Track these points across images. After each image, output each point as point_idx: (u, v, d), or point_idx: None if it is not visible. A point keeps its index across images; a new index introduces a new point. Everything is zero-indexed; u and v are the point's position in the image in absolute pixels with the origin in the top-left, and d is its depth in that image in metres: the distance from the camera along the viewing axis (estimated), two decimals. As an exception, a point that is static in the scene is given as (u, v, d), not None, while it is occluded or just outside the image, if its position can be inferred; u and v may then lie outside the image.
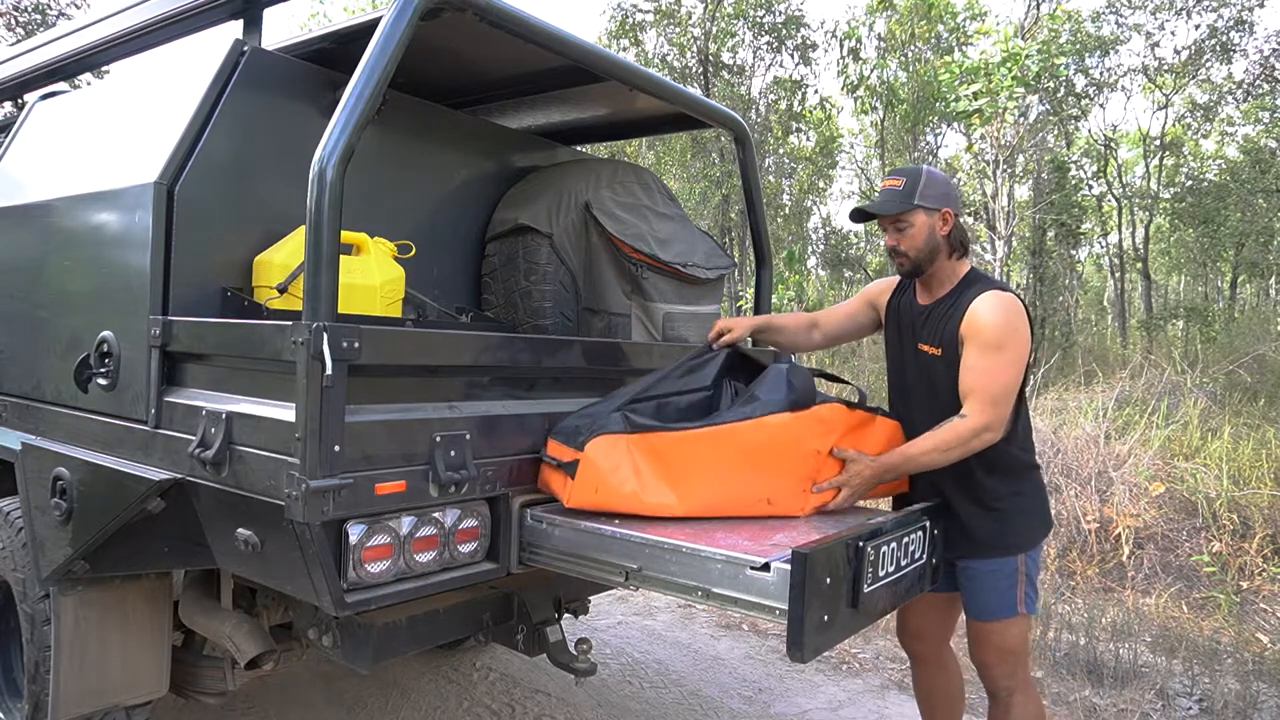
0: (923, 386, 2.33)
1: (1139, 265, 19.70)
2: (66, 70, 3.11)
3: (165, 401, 2.04)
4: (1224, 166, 19.52)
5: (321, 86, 2.41)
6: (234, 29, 2.39)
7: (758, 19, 15.31)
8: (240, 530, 1.86)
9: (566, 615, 2.68)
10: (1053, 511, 5.34)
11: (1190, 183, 19.48)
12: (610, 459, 2.01)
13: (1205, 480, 5.36)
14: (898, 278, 2.51)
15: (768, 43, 15.81)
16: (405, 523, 1.88)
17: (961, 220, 2.33)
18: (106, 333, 2.18)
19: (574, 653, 2.37)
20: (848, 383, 2.70)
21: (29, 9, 12.69)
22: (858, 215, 2.37)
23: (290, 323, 1.72)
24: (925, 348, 2.31)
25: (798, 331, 2.63)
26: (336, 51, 2.40)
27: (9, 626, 2.61)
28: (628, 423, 2.06)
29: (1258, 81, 16.13)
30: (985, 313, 2.16)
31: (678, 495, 2.05)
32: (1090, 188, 19.32)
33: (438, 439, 1.90)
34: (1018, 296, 2.24)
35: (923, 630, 2.52)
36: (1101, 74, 16.78)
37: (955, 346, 2.22)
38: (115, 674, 2.33)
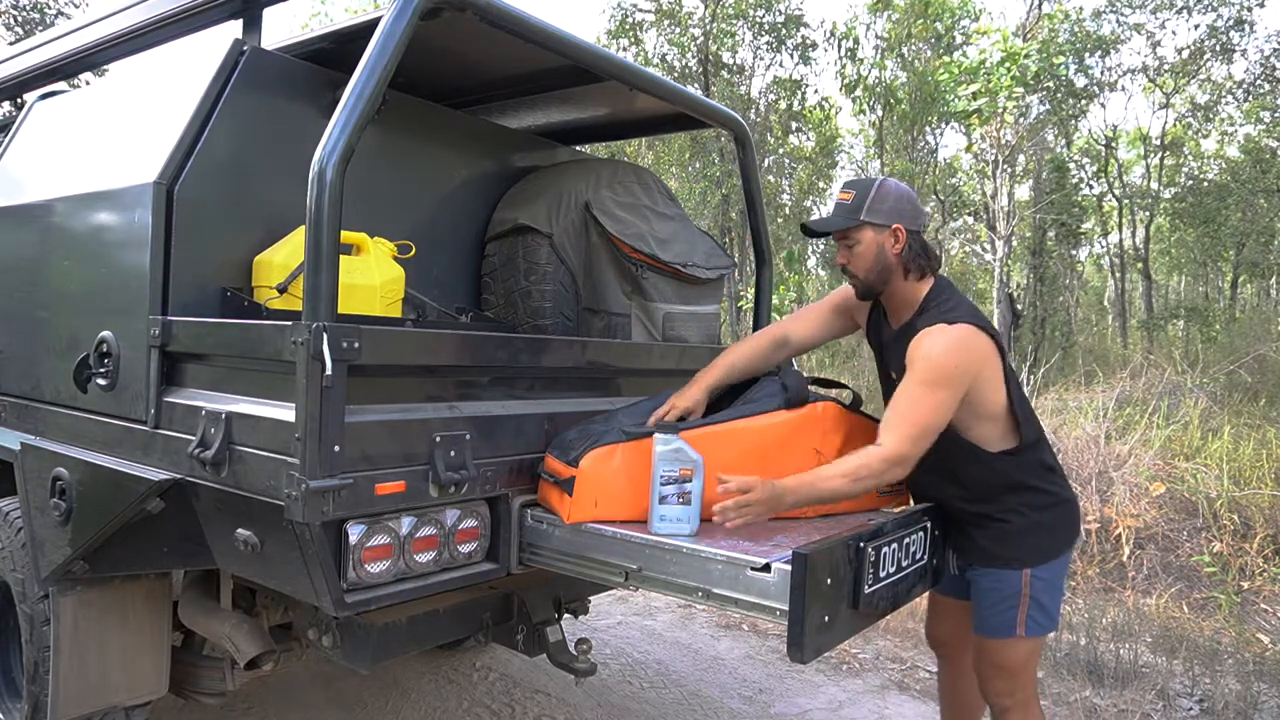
0: None
1: (1139, 265, 19.71)
2: (66, 70, 3.10)
3: (165, 401, 2.04)
4: (1224, 166, 19.52)
5: (321, 86, 2.41)
6: (234, 29, 2.39)
7: (757, 19, 15.31)
8: (240, 530, 1.86)
9: (566, 615, 2.68)
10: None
11: (1191, 183, 19.49)
12: (608, 469, 2.01)
13: (1206, 480, 5.36)
14: None
15: (767, 42, 15.81)
16: (405, 523, 1.88)
17: (922, 237, 2.17)
18: (106, 333, 2.18)
19: (574, 653, 2.37)
20: (844, 386, 2.70)
21: (29, 8, 12.68)
22: (807, 231, 2.23)
23: (290, 323, 1.72)
24: (894, 375, 2.19)
25: (762, 358, 2.40)
26: (336, 51, 2.40)
27: (8, 627, 2.60)
28: (623, 433, 2.05)
29: (1258, 81, 16.13)
30: (927, 346, 2.01)
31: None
32: (1090, 187, 19.33)
33: (438, 439, 1.90)
34: (975, 323, 2.05)
35: (944, 636, 2.50)
36: (1102, 73, 16.78)
37: None
38: (115, 674, 2.33)
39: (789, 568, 1.66)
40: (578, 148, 3.46)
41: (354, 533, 1.79)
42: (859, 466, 1.95)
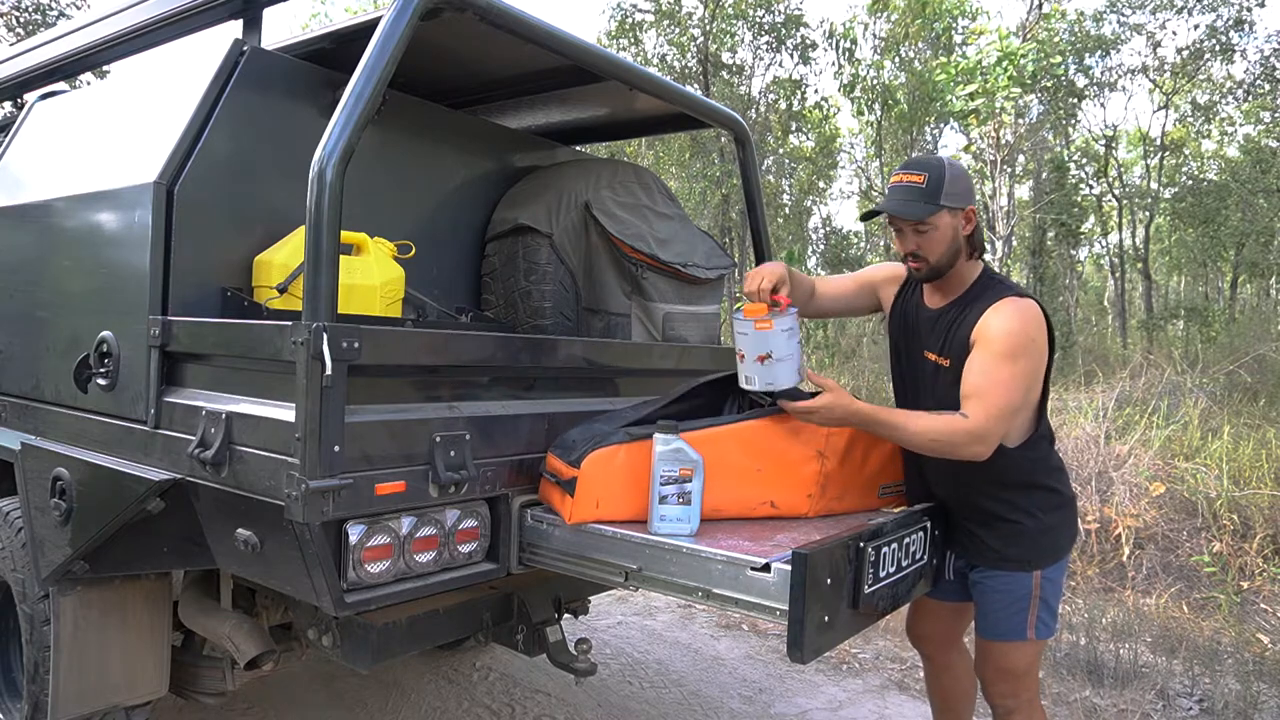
0: (927, 396, 2.17)
1: (1139, 265, 19.71)
2: (66, 70, 3.10)
3: (165, 401, 2.04)
4: (1224, 166, 19.53)
5: (321, 86, 2.41)
6: (234, 29, 2.40)
7: (757, 19, 15.32)
8: (240, 530, 1.86)
9: (566, 615, 2.68)
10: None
11: (1190, 182, 19.49)
12: (610, 470, 2.01)
13: (1205, 480, 5.36)
14: (900, 270, 2.32)
15: (767, 42, 15.82)
16: (405, 523, 1.88)
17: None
18: (106, 333, 2.18)
19: (574, 653, 2.37)
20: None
21: (29, 9, 12.68)
22: (871, 216, 2.19)
23: (290, 323, 1.72)
24: (931, 356, 2.15)
25: (802, 294, 2.35)
26: (336, 51, 2.40)
27: (9, 627, 2.60)
28: (626, 434, 2.05)
29: (1258, 81, 16.14)
30: (1001, 320, 1.98)
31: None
32: (1090, 187, 19.34)
33: (437, 439, 1.90)
34: (1038, 303, 2.06)
35: (926, 634, 2.50)
36: (1102, 73, 16.79)
37: (963, 358, 2.04)
38: (115, 674, 2.33)
39: (789, 568, 1.66)
40: (578, 148, 3.46)
41: (354, 533, 1.79)
42: (940, 428, 1.94)
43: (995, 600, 2.18)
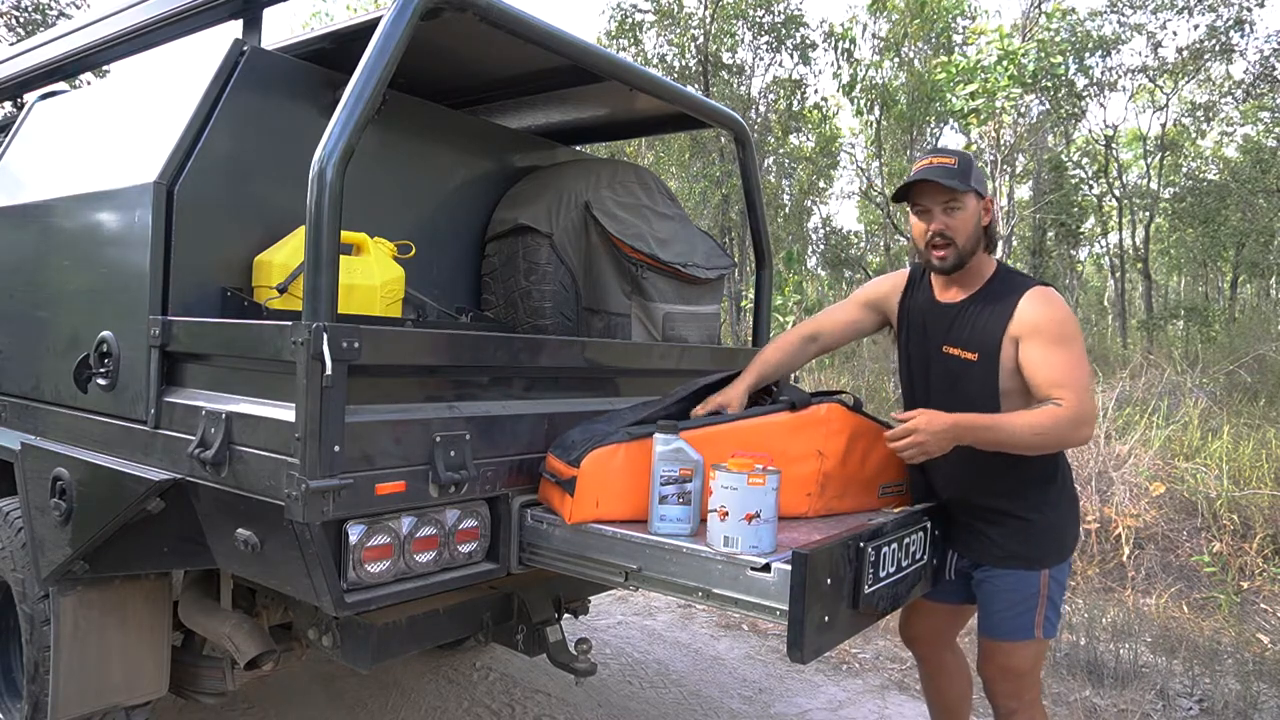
0: (948, 392, 2.16)
1: (1139, 265, 19.71)
2: (66, 70, 3.10)
3: (165, 401, 2.04)
4: (1224, 167, 19.53)
5: (321, 86, 2.41)
6: (234, 29, 2.40)
7: (757, 19, 15.31)
8: (240, 530, 1.86)
9: (566, 615, 2.68)
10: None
11: (1190, 182, 19.49)
12: (609, 469, 2.01)
13: (1205, 480, 5.36)
14: (898, 276, 2.36)
15: (767, 42, 15.81)
16: (405, 523, 1.88)
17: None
18: (106, 333, 2.18)
19: (574, 653, 2.37)
20: (844, 392, 2.68)
21: (29, 9, 12.69)
22: (902, 192, 2.16)
23: (290, 323, 1.72)
24: (954, 350, 2.14)
25: (794, 354, 2.42)
26: (336, 51, 2.40)
27: (9, 627, 2.60)
28: (626, 434, 2.05)
29: (1258, 81, 16.13)
30: (1047, 309, 2.04)
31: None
32: (1090, 188, 19.34)
33: (438, 439, 1.90)
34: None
35: (920, 635, 2.50)
36: (1103, 74, 16.78)
37: (995, 352, 2.06)
38: (115, 674, 2.33)
39: (789, 568, 1.66)
40: (578, 148, 3.46)
41: (354, 533, 1.79)
42: (1044, 421, 1.96)
43: (1001, 599, 2.18)
